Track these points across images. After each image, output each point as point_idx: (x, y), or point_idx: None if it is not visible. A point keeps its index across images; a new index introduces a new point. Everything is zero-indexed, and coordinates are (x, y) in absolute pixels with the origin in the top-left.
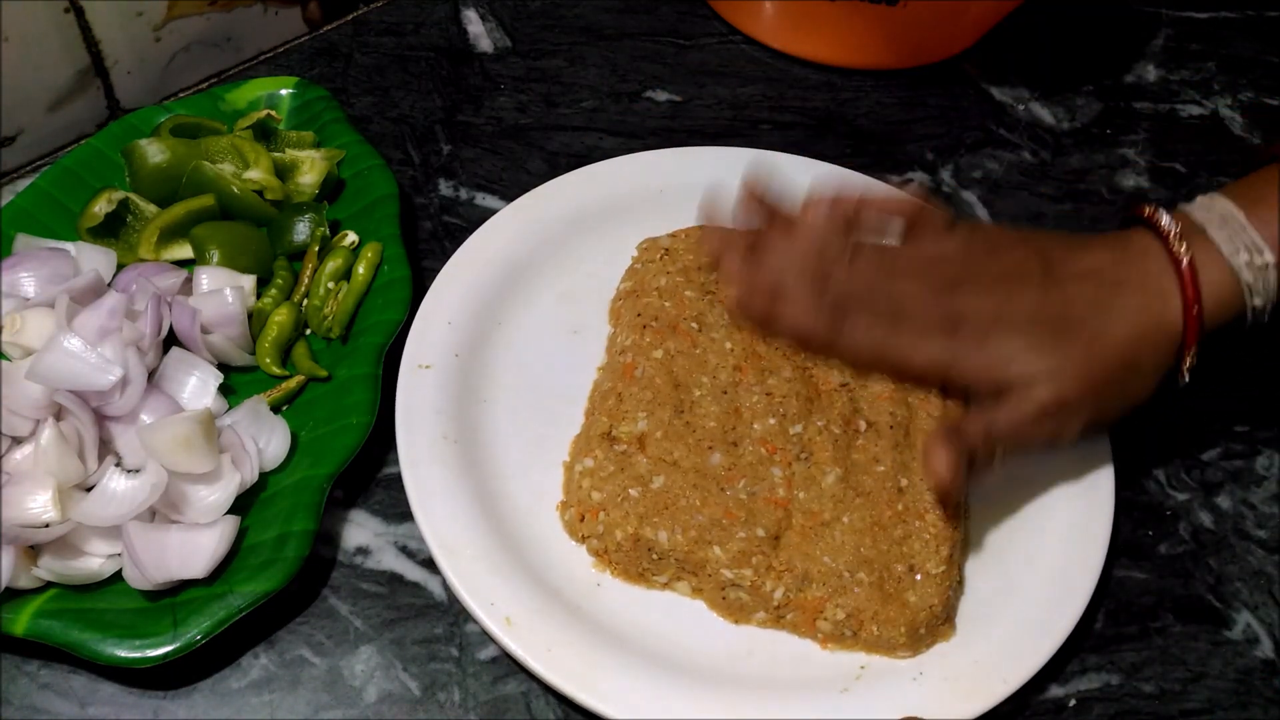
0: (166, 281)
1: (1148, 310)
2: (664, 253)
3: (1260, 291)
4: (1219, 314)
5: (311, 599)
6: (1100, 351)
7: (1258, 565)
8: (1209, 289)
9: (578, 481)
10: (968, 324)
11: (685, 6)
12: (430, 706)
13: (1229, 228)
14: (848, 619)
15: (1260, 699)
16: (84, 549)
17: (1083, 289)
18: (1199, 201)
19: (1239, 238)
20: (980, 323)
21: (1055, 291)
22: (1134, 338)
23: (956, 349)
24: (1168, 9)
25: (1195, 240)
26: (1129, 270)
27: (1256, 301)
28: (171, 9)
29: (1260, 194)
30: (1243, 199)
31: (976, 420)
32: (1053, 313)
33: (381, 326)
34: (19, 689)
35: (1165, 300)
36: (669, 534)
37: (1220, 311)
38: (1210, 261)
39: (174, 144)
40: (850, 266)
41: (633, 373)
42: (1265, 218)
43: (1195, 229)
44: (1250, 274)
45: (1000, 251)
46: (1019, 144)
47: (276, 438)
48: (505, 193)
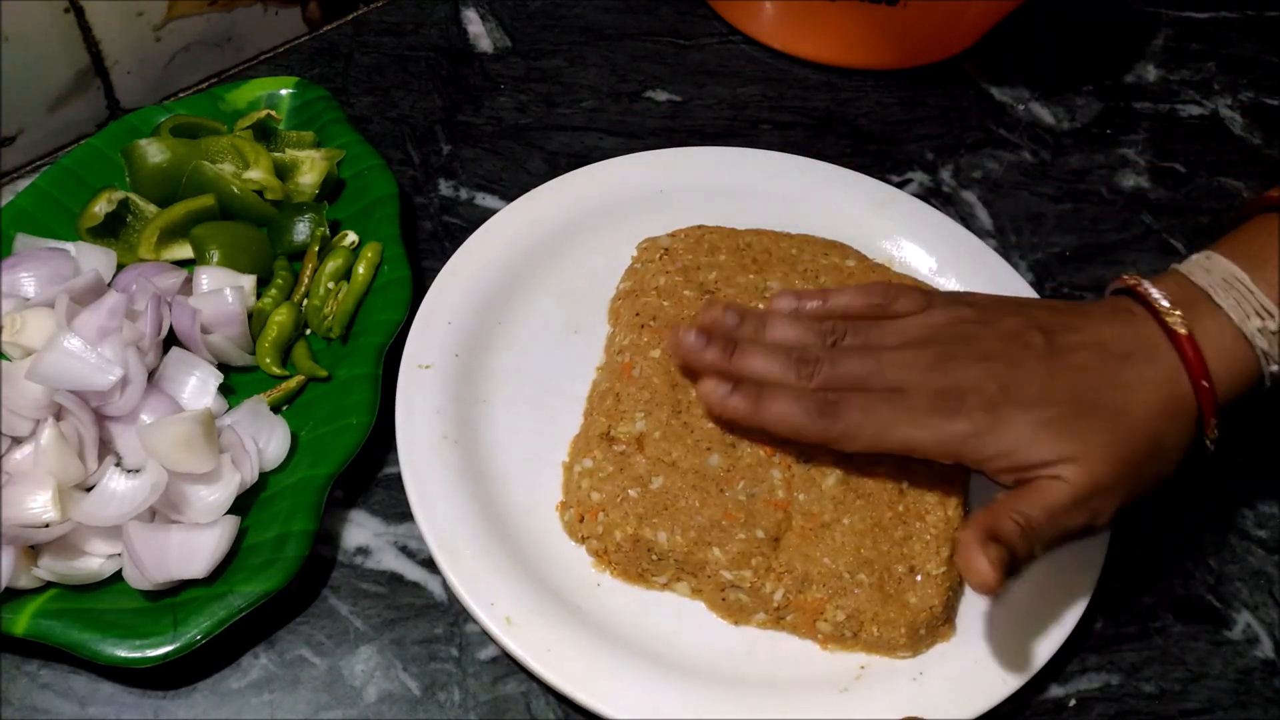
0: (166, 281)
1: (1163, 384)
2: (663, 252)
3: (1276, 357)
4: (1235, 384)
5: (311, 599)
6: (1125, 429)
7: (1258, 565)
8: (1220, 359)
9: (577, 482)
10: (971, 399)
11: (685, 6)
12: (430, 706)
13: (1235, 292)
14: (848, 620)
15: (1260, 699)
16: (84, 549)
17: (1090, 361)
18: (1196, 261)
19: (1247, 302)
20: (986, 398)
21: (1061, 364)
22: (1154, 412)
23: (966, 429)
24: (1168, 9)
25: (1199, 308)
26: (1134, 343)
27: (1274, 367)
28: (171, 9)
29: (1262, 252)
30: (1244, 259)
31: (1011, 515)
32: (1065, 387)
33: (381, 326)
34: (19, 689)
35: (1175, 373)
36: (668, 535)
37: (1236, 381)
38: (1219, 330)
39: (174, 144)
40: (834, 351)
41: (630, 372)
42: (1271, 278)
43: (1198, 294)
44: (1265, 340)
45: (994, 320)
46: (1019, 144)
47: (276, 438)
48: (505, 193)
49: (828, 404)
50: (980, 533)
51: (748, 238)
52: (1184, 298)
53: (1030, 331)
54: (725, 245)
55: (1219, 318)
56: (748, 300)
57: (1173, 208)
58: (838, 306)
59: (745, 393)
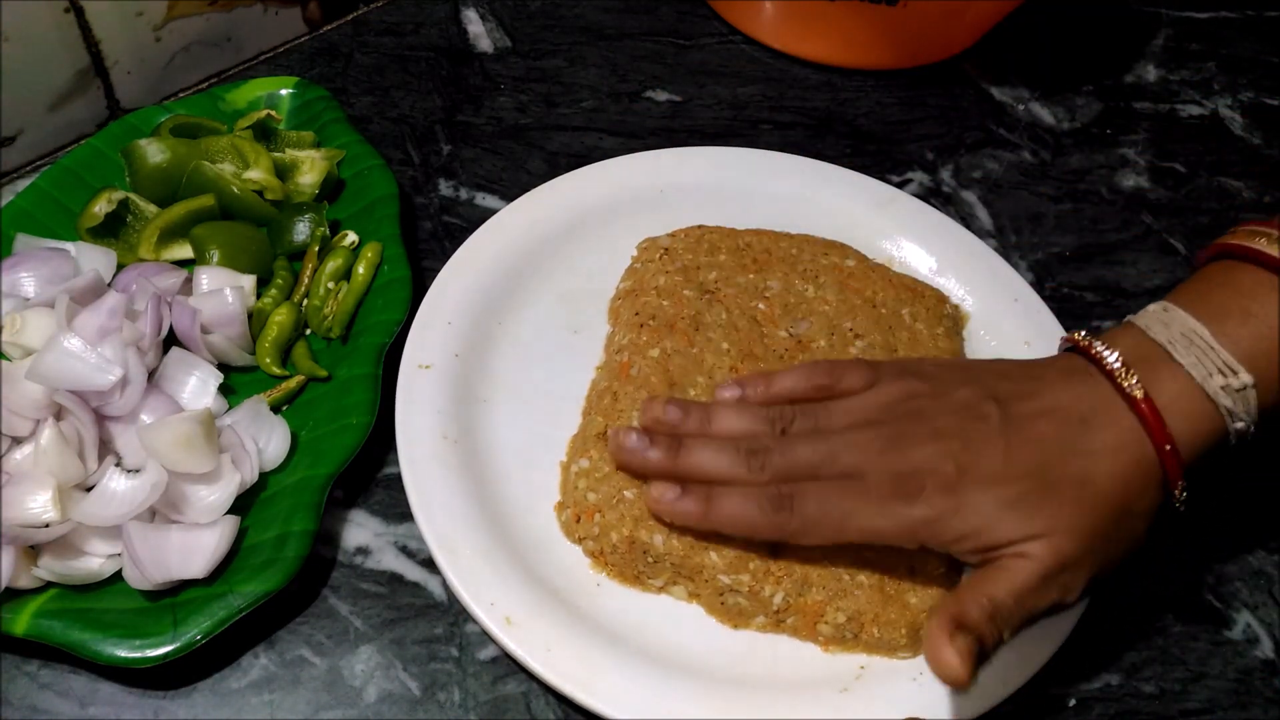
0: (166, 281)
1: (1125, 449)
2: (663, 252)
3: (1242, 415)
4: (1200, 444)
5: (311, 599)
6: (1091, 500)
7: (1258, 565)
8: (1183, 421)
9: (574, 482)
10: (930, 480)
11: (685, 6)
12: (430, 706)
13: (1196, 349)
14: (849, 621)
15: (1260, 699)
16: (84, 549)
17: (1048, 430)
18: (1153, 314)
19: (1209, 360)
20: (945, 480)
21: (1019, 436)
22: (1119, 481)
23: (928, 514)
24: (1168, 9)
25: (1158, 367)
26: (1091, 405)
27: (1239, 425)
28: (171, 9)
29: (1221, 305)
30: (1203, 311)
31: (976, 601)
32: (1025, 461)
33: (381, 326)
34: (19, 689)
35: (1137, 436)
36: (664, 538)
37: (1201, 441)
38: (1180, 390)
39: (174, 144)
40: (783, 441)
41: (629, 372)
42: (1233, 333)
43: (1156, 351)
44: (1228, 398)
45: (946, 393)
46: (1019, 144)
47: (276, 438)
48: (505, 193)
49: (782, 498)
50: (947, 623)
51: (747, 237)
52: (1140, 355)
53: (984, 403)
54: (725, 245)
55: (1180, 377)
56: (746, 300)
57: (1173, 208)
58: (783, 390)
59: (695, 495)
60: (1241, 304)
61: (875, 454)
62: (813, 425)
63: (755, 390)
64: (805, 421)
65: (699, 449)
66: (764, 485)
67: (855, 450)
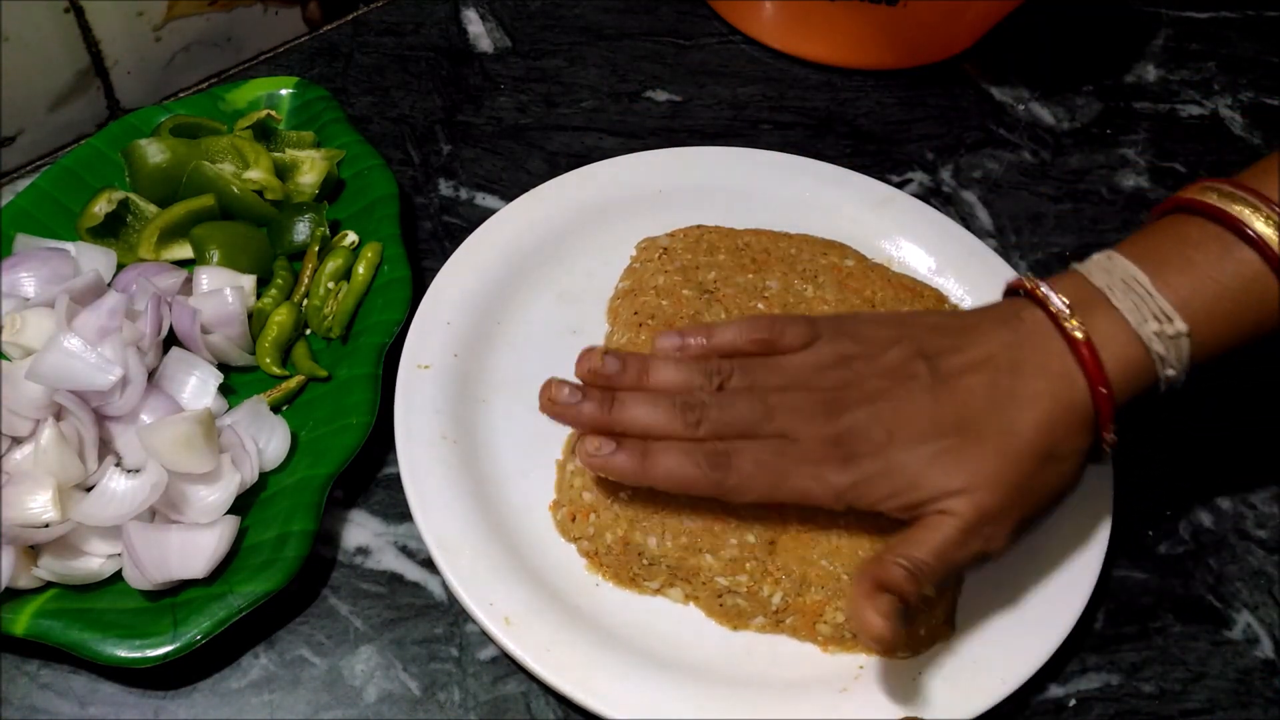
0: (166, 281)
1: (1054, 395)
2: (662, 252)
3: (1173, 362)
4: (1130, 388)
5: (311, 599)
6: (1013, 451)
7: (1258, 565)
8: (1116, 364)
9: (569, 481)
10: (861, 445)
11: (685, 6)
12: (430, 706)
13: (1134, 294)
14: (847, 621)
15: (1260, 699)
16: (84, 549)
17: (977, 383)
18: (1096, 261)
19: (1146, 305)
20: (874, 442)
21: (946, 392)
22: (1044, 426)
23: (854, 475)
24: (1168, 9)
25: (1096, 310)
26: (1025, 353)
27: (1169, 372)
28: (171, 9)
29: (1164, 254)
30: (1146, 260)
31: (896, 562)
32: (950, 416)
33: (381, 326)
34: (19, 689)
35: (1071, 381)
36: (658, 539)
37: (1131, 385)
38: (1115, 334)
39: (174, 144)
40: (719, 396)
41: None
42: (1173, 281)
43: (1096, 296)
44: (1161, 344)
45: (878, 353)
46: (1019, 144)
47: (276, 438)
48: (505, 193)
49: (719, 455)
50: (868, 585)
51: (746, 237)
52: (1081, 299)
53: (914, 362)
54: (724, 245)
55: (1116, 321)
56: (746, 300)
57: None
58: (723, 342)
59: (631, 450)
60: (1184, 253)
61: (808, 418)
62: (750, 382)
63: (696, 341)
64: (742, 378)
65: (635, 403)
66: (699, 441)
67: (789, 413)
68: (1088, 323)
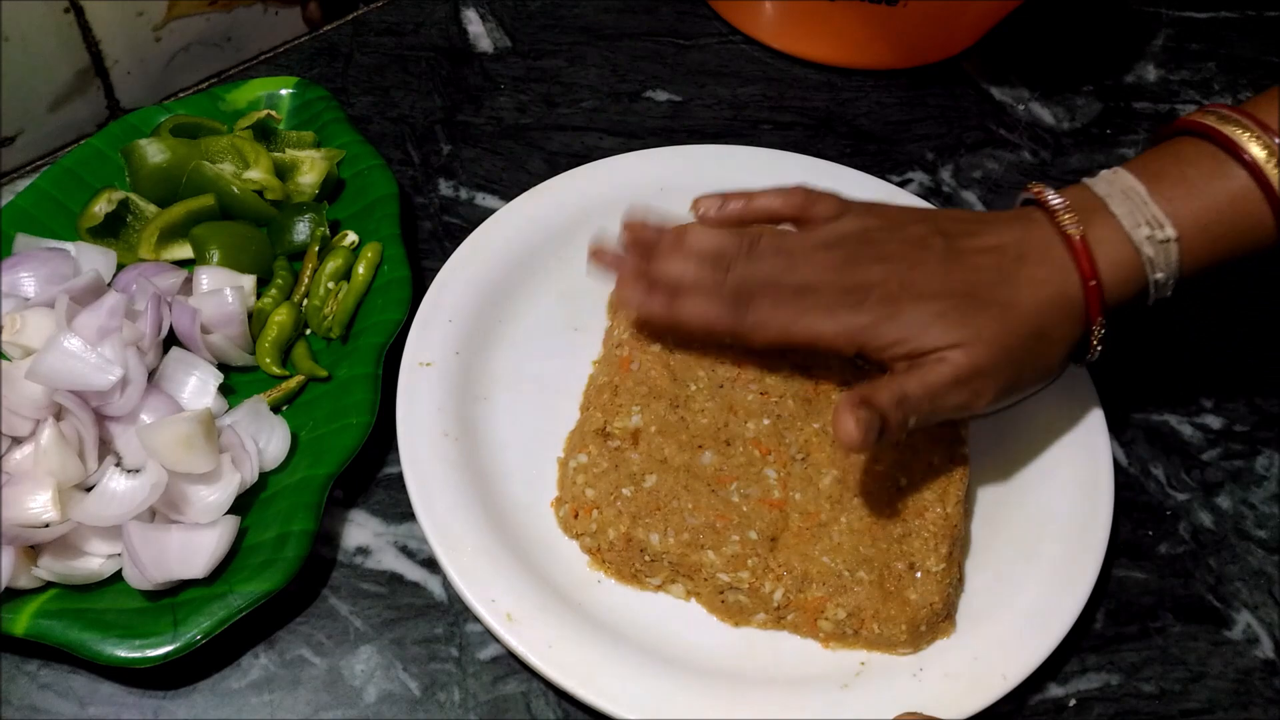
0: (166, 281)
1: (1051, 283)
2: None
3: (1162, 266)
4: (1120, 288)
5: (311, 599)
6: (1012, 320)
7: (1258, 565)
8: (1108, 263)
9: (572, 477)
10: (874, 294)
11: (685, 6)
12: (430, 706)
13: (1130, 202)
14: (849, 618)
15: (1260, 699)
16: (84, 549)
17: (986, 261)
18: (1102, 175)
19: (1140, 212)
20: (888, 292)
21: (958, 263)
22: (1041, 307)
23: (867, 320)
24: (1168, 9)
25: (1095, 215)
26: (1030, 246)
27: (1158, 276)
28: (171, 9)
29: (1163, 168)
30: (1144, 173)
31: (888, 387)
32: (960, 284)
33: (381, 326)
34: (19, 689)
35: (1065, 273)
36: (660, 536)
37: (1122, 286)
38: (1109, 236)
39: (174, 144)
40: (748, 255)
41: (629, 366)
42: (1168, 193)
43: (1096, 203)
44: (1151, 248)
45: (899, 227)
46: (1019, 144)
47: (276, 438)
48: (505, 193)
49: (740, 298)
50: (854, 397)
51: None
52: (1082, 206)
53: (932, 236)
54: None
55: (1111, 224)
56: None
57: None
58: (760, 206)
59: (662, 293)
60: (1180, 169)
61: (829, 270)
62: (778, 245)
63: (735, 203)
64: (771, 241)
65: (671, 259)
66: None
67: (812, 266)
68: (1086, 224)
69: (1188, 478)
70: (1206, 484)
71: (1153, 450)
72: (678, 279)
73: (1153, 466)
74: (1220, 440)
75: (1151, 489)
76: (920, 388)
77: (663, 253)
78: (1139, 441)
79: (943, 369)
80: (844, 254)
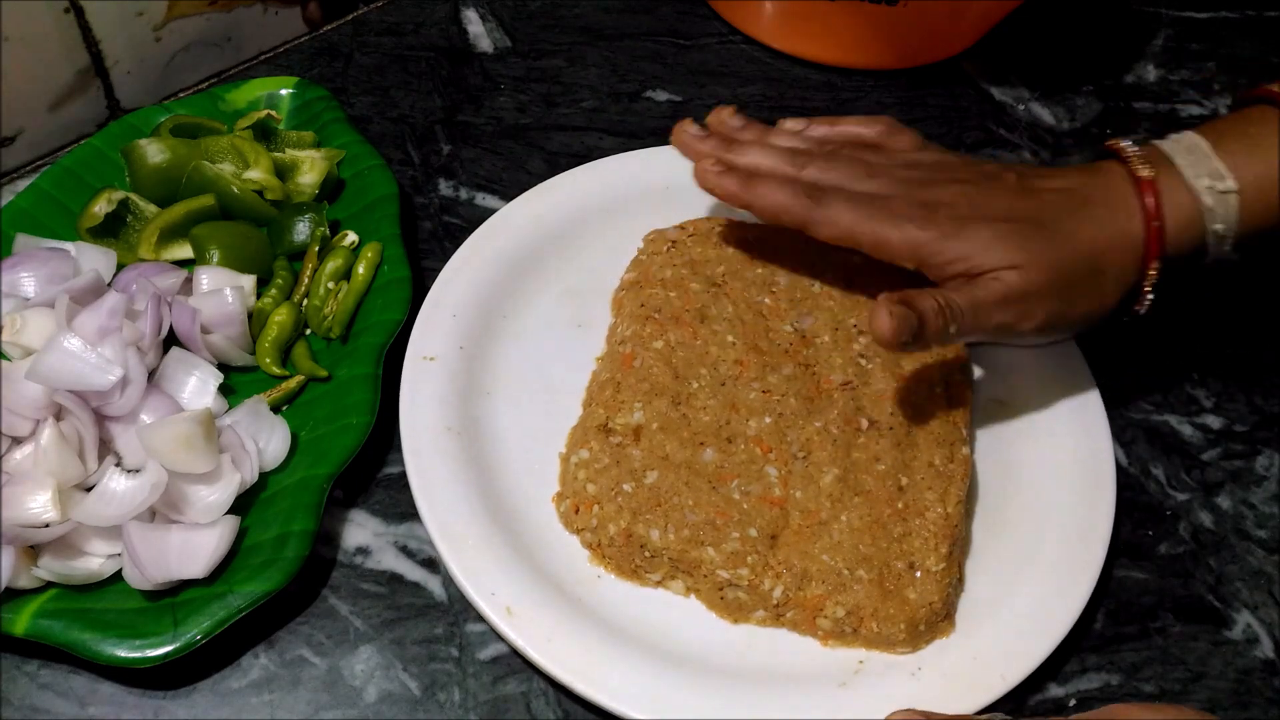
0: (166, 281)
1: (1114, 221)
2: (670, 245)
3: (1221, 217)
4: (1181, 235)
5: (311, 599)
6: (1068, 249)
7: (1258, 565)
8: (1171, 209)
9: (573, 473)
10: (943, 210)
11: (685, 6)
12: (430, 706)
13: (1194, 155)
14: (848, 616)
15: (1260, 699)
16: (84, 549)
17: (1055, 198)
18: (1171, 137)
19: (1202, 165)
20: (956, 211)
21: (1029, 196)
22: (1100, 242)
23: (932, 234)
24: (1168, 9)
25: (1161, 167)
26: (1097, 189)
27: (1218, 226)
28: (171, 9)
29: (1226, 129)
30: (1211, 132)
31: (933, 293)
32: (1025, 211)
33: (381, 326)
34: (19, 689)
35: (1130, 214)
36: (660, 532)
37: (1182, 233)
38: (1173, 185)
39: (174, 144)
40: (827, 157)
41: (631, 363)
42: (1230, 149)
43: (1163, 158)
44: (1211, 198)
45: (976, 164)
46: (1019, 144)
47: (276, 438)
48: (505, 193)
49: (814, 190)
50: (895, 295)
51: (757, 231)
52: (1150, 157)
53: (1006, 173)
54: (734, 239)
55: (1175, 175)
56: (753, 294)
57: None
58: (844, 130)
59: (738, 175)
60: (1244, 129)
61: (903, 184)
62: (857, 156)
63: (821, 123)
64: (852, 152)
65: (751, 149)
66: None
67: (888, 178)
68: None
69: (1188, 478)
70: (1206, 484)
71: (1153, 450)
72: (755, 166)
73: (1153, 466)
74: (1220, 440)
75: (1151, 489)
76: (967, 300)
77: (745, 142)
78: (1139, 441)
79: (994, 286)
80: (920, 174)
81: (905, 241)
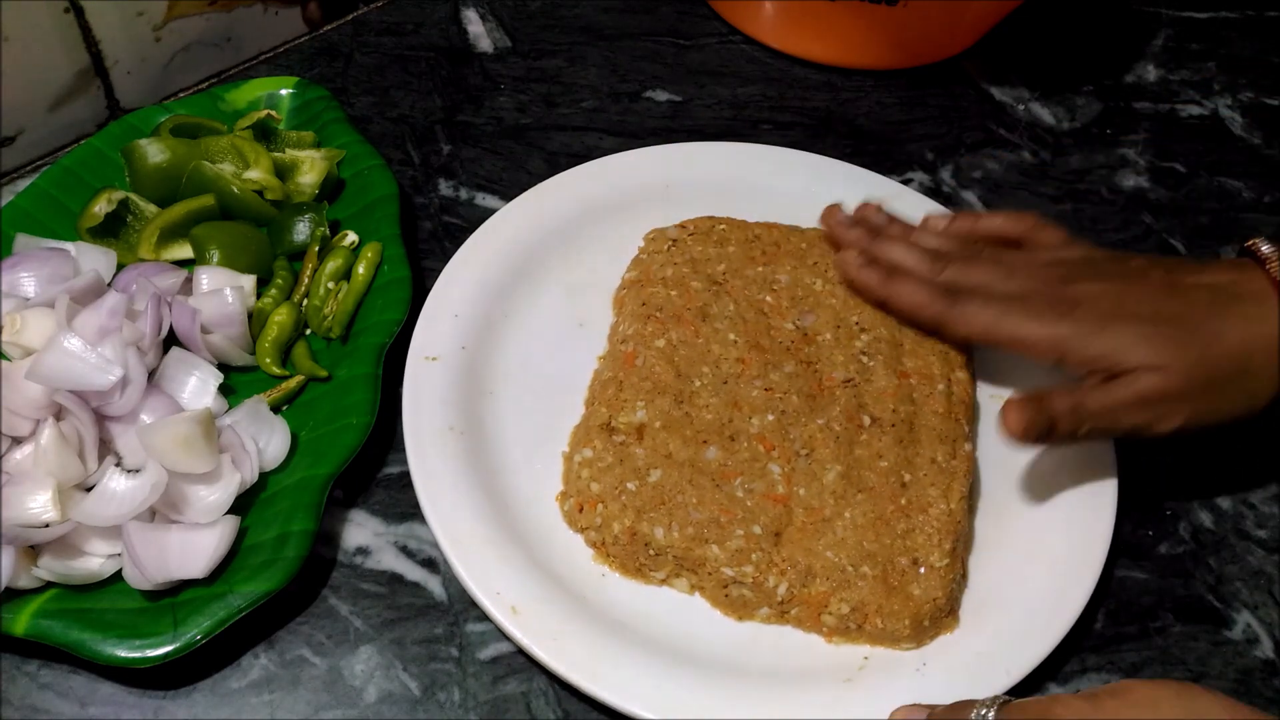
0: (166, 281)
1: (1263, 321)
2: (671, 243)
3: None
4: None
5: (311, 599)
6: (1215, 352)
7: (1258, 565)
8: None
9: (577, 472)
10: (1085, 307)
11: (685, 6)
12: (430, 706)
13: None
14: (852, 612)
15: (1260, 699)
16: (84, 549)
17: (1201, 295)
18: None
19: None
20: (1099, 309)
21: (1174, 294)
22: (1247, 344)
23: (1073, 330)
24: (1168, 9)
25: None
26: (1243, 286)
27: None
28: (171, 9)
29: None
30: None
31: (1068, 395)
32: (1171, 311)
33: (381, 326)
34: (19, 689)
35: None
36: (665, 530)
37: None
38: None
39: (174, 144)
40: (967, 258)
41: (633, 361)
42: None
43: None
44: None
45: (1122, 260)
46: (1019, 144)
47: (276, 438)
48: (505, 193)
49: (951, 292)
50: (1030, 396)
51: (757, 230)
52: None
53: (1153, 269)
54: (735, 237)
55: None
56: (754, 292)
57: (1173, 208)
58: (987, 224)
59: (879, 269)
60: None
61: (1044, 282)
62: (997, 257)
63: (964, 219)
64: (993, 253)
65: (894, 245)
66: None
67: (1028, 278)
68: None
69: (1188, 478)
70: (1206, 484)
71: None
72: (898, 262)
73: (1153, 466)
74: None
75: (1151, 489)
76: (1101, 404)
77: (889, 237)
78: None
79: (1133, 388)
80: (1062, 272)
81: (1045, 337)
